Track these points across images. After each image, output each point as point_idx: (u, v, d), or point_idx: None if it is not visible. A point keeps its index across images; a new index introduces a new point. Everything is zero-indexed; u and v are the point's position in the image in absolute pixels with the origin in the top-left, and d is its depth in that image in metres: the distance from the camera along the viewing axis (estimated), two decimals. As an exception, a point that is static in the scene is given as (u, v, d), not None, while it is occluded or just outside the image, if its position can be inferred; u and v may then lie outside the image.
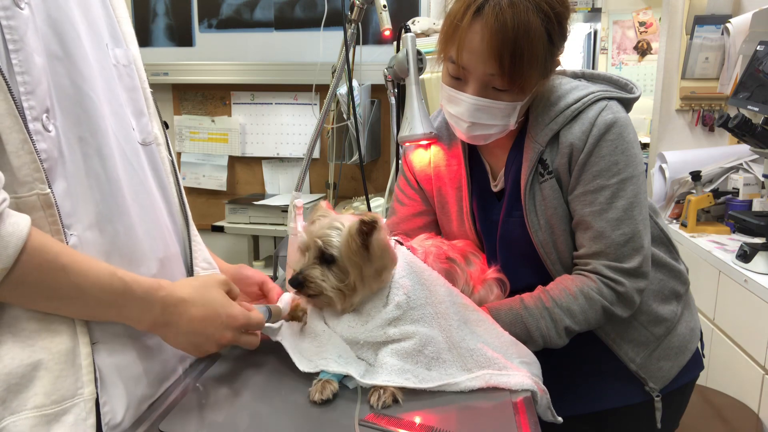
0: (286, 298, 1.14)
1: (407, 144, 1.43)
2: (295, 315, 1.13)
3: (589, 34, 3.58)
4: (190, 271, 1.06)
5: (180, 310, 0.88)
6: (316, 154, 3.26)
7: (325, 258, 1.02)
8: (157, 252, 0.94)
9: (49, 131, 0.77)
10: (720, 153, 2.70)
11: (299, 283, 1.03)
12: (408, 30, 1.62)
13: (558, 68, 1.21)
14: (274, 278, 2.42)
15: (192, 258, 1.07)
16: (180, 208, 1.06)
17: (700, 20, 2.81)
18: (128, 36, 0.99)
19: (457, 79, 1.17)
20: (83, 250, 0.81)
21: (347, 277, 1.02)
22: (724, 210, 2.53)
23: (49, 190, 0.76)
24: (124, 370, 0.87)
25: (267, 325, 1.07)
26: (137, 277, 0.83)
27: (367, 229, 1.00)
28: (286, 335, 1.09)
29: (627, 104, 1.22)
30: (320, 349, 1.02)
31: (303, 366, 1.01)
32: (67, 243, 0.78)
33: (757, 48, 2.25)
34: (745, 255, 2.02)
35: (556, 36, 1.13)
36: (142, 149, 0.96)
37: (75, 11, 0.83)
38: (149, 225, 0.93)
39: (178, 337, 0.90)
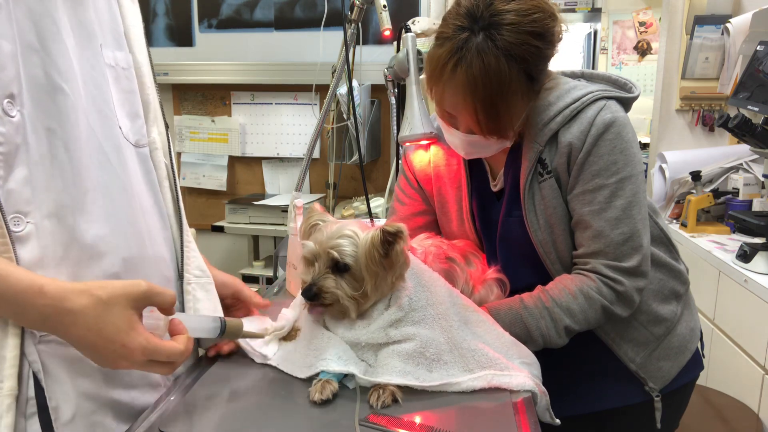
0: (288, 315, 1.12)
1: (407, 144, 1.44)
2: (289, 336, 1.11)
3: (589, 34, 3.58)
4: (180, 277, 1.03)
5: (65, 322, 0.76)
6: (316, 154, 3.27)
7: (338, 267, 1.01)
8: (122, 251, 0.90)
9: (11, 116, 0.77)
10: (720, 153, 2.70)
11: (314, 295, 1.01)
12: (408, 30, 1.62)
13: (557, 69, 1.22)
14: (274, 278, 2.42)
15: (183, 264, 1.04)
16: (175, 213, 1.04)
17: (700, 20, 2.81)
18: (135, 42, 1.00)
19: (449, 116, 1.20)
20: (40, 238, 0.80)
21: (361, 285, 1.01)
22: (724, 210, 2.53)
23: None
24: (74, 366, 0.83)
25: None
26: (11, 278, 0.74)
27: (391, 239, 0.99)
28: (275, 358, 1.07)
29: (626, 104, 1.23)
30: (319, 351, 1.01)
31: (302, 373, 1.01)
32: (12, 230, 0.77)
33: (757, 48, 2.25)
34: (745, 255, 2.02)
35: (536, 69, 1.14)
36: (134, 150, 0.96)
37: (60, 9, 0.85)
38: (120, 223, 0.90)
39: (74, 345, 0.80)
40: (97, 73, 0.90)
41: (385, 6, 1.79)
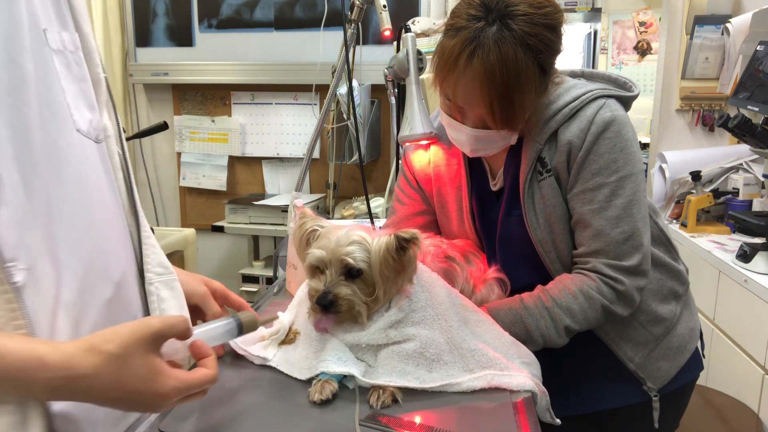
0: (283, 319, 1.11)
1: (407, 144, 1.44)
2: (287, 339, 1.10)
3: (589, 34, 3.58)
4: (141, 277, 0.92)
5: (80, 389, 0.68)
6: (316, 154, 3.26)
7: (350, 273, 1.01)
8: (113, 275, 0.82)
9: None
10: (720, 153, 2.70)
11: (330, 303, 0.99)
12: (408, 30, 1.62)
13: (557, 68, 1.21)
14: (274, 278, 2.42)
15: (143, 263, 0.92)
16: (130, 207, 0.93)
17: (700, 20, 2.81)
18: (79, 12, 0.84)
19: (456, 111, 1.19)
20: (37, 283, 0.70)
21: (372, 290, 1.01)
22: (724, 210, 2.53)
23: None
24: (89, 414, 0.75)
25: (240, 340, 1.02)
26: (6, 353, 0.64)
27: (405, 245, 1.00)
28: (276, 359, 1.07)
29: (626, 102, 1.23)
30: (319, 352, 1.01)
31: (302, 375, 1.01)
32: (13, 282, 0.68)
33: (757, 48, 2.25)
34: (745, 255, 2.02)
35: (548, 62, 1.14)
36: (95, 147, 0.84)
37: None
38: (102, 242, 0.81)
39: (98, 405, 0.73)
40: (46, 69, 0.76)
41: (385, 6, 1.79)
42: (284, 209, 3.01)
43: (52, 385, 0.66)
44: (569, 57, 3.52)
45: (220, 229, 3.09)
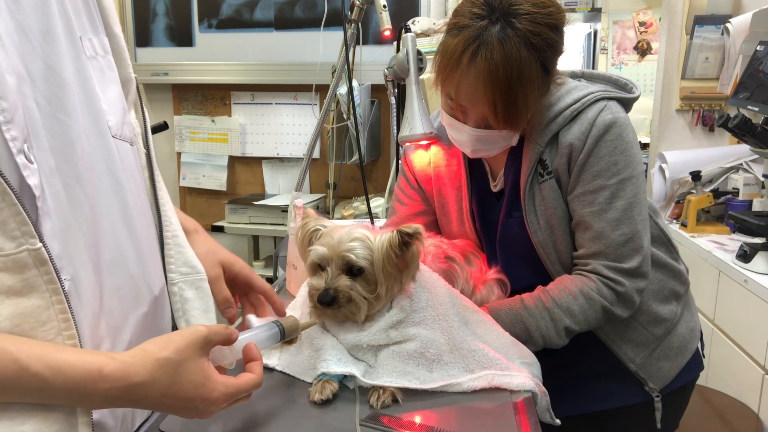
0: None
1: (407, 144, 1.44)
2: (291, 340, 1.08)
3: (589, 34, 3.57)
4: (164, 278, 0.91)
5: (136, 397, 0.69)
6: (316, 154, 3.27)
7: (352, 271, 1.01)
8: (153, 288, 0.83)
9: (32, 163, 0.65)
10: (720, 153, 2.70)
11: (332, 299, 0.99)
12: (408, 30, 1.61)
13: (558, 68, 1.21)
14: (274, 278, 2.42)
15: (165, 263, 0.91)
16: (153, 208, 0.92)
17: (700, 20, 2.81)
18: (110, 13, 0.84)
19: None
20: (80, 293, 0.70)
21: (374, 288, 1.01)
22: (724, 210, 2.53)
23: (40, 245, 0.64)
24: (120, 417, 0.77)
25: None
26: (66, 368, 0.64)
27: (408, 240, 1.00)
28: (281, 362, 1.07)
29: (627, 104, 1.23)
30: (320, 352, 1.01)
31: (309, 377, 1.01)
32: (65, 292, 0.68)
33: (757, 48, 2.25)
34: (745, 255, 2.02)
35: (551, 61, 1.14)
36: (130, 150, 0.85)
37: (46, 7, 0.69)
38: (144, 251, 0.82)
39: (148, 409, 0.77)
40: (85, 77, 0.76)
41: (385, 6, 1.79)
42: (284, 209, 3.01)
43: (110, 395, 0.67)
44: (569, 57, 3.51)
45: (220, 229, 3.09)
